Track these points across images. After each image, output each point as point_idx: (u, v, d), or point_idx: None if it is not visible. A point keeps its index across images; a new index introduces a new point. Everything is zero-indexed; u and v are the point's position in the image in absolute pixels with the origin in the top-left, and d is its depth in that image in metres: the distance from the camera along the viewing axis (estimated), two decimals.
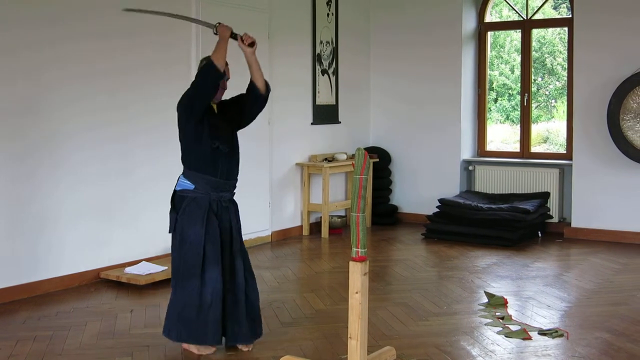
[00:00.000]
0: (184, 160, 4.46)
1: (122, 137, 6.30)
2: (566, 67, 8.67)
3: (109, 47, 6.16)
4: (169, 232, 4.44)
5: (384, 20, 9.30)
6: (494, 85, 9.84)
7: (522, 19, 8.79)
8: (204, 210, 4.34)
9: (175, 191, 4.46)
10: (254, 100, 4.58)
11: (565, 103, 8.63)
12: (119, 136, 6.27)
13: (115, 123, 6.23)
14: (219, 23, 4.49)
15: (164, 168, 6.42)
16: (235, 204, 4.57)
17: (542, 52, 9.72)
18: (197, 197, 4.36)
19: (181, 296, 4.34)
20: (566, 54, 8.66)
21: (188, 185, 4.40)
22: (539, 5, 8.78)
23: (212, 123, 4.41)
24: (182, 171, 4.48)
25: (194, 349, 4.40)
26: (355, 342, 3.74)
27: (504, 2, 9.13)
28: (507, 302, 5.41)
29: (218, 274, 4.30)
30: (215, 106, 4.52)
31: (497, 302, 5.40)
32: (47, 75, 5.74)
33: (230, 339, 4.44)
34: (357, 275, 3.72)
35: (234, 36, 4.46)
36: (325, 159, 8.40)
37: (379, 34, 9.36)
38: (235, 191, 4.56)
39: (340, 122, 8.93)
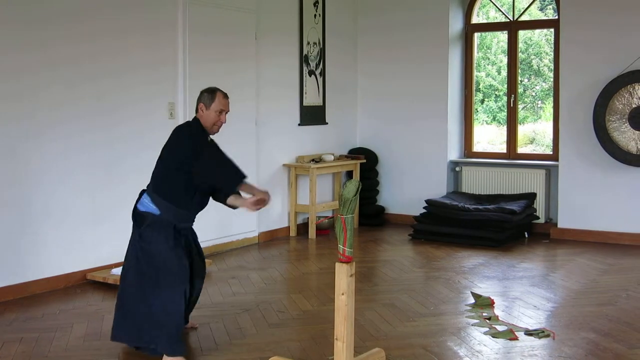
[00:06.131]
0: (158, 187, 4.37)
1: (109, 139, 6.27)
2: (552, 69, 8.71)
3: (95, 49, 6.11)
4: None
5: (371, 22, 9.31)
6: (480, 87, 9.88)
7: (508, 20, 8.82)
8: (170, 230, 4.30)
9: (137, 209, 4.41)
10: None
11: (552, 104, 8.67)
12: (105, 138, 6.24)
13: (102, 125, 6.20)
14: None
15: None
16: (193, 230, 4.61)
17: (528, 54, 9.77)
18: (163, 220, 4.32)
19: (165, 302, 4.20)
20: (552, 55, 8.70)
21: (153, 209, 4.35)
22: (526, 6, 8.81)
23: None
24: (147, 188, 4.44)
25: None
26: (342, 344, 3.74)
27: (491, 3, 9.16)
28: (493, 303, 5.42)
29: (186, 288, 4.33)
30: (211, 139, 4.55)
31: (483, 303, 5.41)
32: (33, 77, 5.69)
33: None
34: (343, 277, 3.71)
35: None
36: (313, 160, 8.40)
37: (366, 35, 9.36)
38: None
39: (327, 123, 8.93)
